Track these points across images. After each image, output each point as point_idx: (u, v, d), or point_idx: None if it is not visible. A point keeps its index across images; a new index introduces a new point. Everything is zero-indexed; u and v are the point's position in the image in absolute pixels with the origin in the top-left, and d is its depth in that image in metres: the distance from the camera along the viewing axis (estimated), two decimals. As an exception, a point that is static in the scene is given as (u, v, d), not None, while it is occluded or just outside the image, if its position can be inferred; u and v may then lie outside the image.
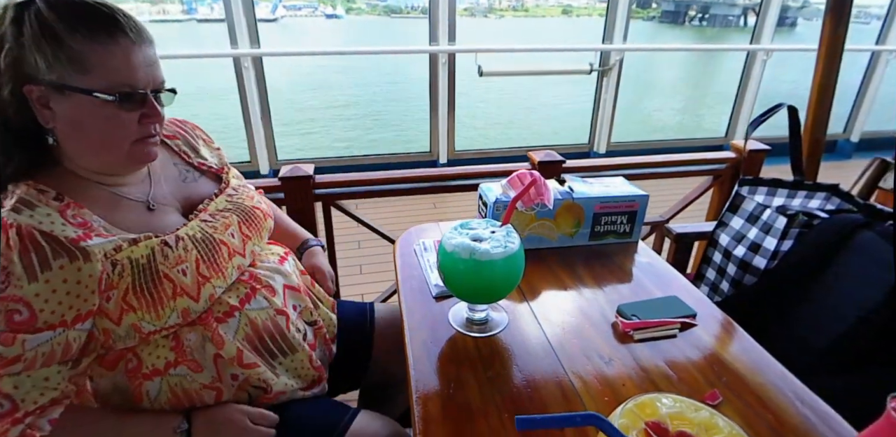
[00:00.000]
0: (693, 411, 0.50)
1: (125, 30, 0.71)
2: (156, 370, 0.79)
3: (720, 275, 1.27)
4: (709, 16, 29.79)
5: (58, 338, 0.68)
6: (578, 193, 1.15)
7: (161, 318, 0.75)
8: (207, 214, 0.88)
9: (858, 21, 11.32)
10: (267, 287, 0.90)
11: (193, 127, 1.04)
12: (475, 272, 0.81)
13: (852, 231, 1.01)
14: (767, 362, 0.81)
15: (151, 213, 0.83)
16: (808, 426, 0.69)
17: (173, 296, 0.76)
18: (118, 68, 0.70)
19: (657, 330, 0.87)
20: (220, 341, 0.82)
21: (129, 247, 0.73)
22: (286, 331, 0.90)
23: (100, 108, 0.70)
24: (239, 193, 0.97)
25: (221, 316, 0.83)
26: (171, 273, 0.76)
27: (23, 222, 0.66)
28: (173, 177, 0.92)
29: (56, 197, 0.71)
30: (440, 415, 0.70)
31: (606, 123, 4.25)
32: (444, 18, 3.60)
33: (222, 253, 0.84)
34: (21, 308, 0.64)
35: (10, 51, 0.68)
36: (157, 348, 0.79)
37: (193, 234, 0.82)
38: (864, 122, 4.78)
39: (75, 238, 0.68)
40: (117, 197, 0.80)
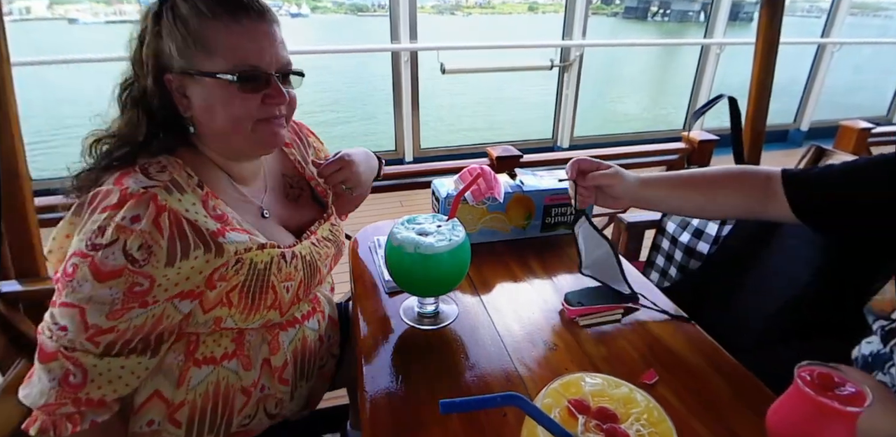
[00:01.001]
0: (613, 387, 0.52)
1: (247, 9, 0.70)
2: (211, 358, 0.79)
3: (668, 261, 1.32)
4: (670, 11, 30.51)
5: (153, 310, 0.69)
6: (528, 186, 1.17)
7: (247, 321, 0.77)
8: (315, 238, 0.90)
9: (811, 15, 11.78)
10: (321, 312, 0.95)
11: (308, 132, 1.02)
12: (421, 266, 0.82)
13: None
14: (703, 341, 0.85)
15: (264, 221, 0.84)
16: (737, 397, 0.73)
17: (269, 307, 0.79)
18: (240, 48, 0.70)
19: (601, 316, 0.90)
20: (276, 347, 0.85)
21: (255, 250, 0.75)
22: (316, 356, 0.93)
23: (223, 89, 0.70)
24: (338, 224, 0.99)
25: (285, 324, 0.86)
26: (278, 286, 0.78)
27: (173, 206, 0.68)
28: (279, 190, 0.92)
29: (199, 184, 0.73)
30: (388, 408, 0.71)
31: (569, 118, 4.32)
32: (405, 16, 3.59)
33: (316, 280, 0.87)
34: (145, 282, 0.66)
35: (150, 43, 0.70)
36: (221, 337, 0.80)
37: (305, 255, 0.84)
38: (813, 112, 4.99)
39: (215, 231, 0.71)
40: (240, 195, 0.82)
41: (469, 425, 0.68)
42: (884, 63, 6.59)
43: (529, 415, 0.47)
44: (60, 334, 0.66)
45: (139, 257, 0.65)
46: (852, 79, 7.67)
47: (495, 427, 0.67)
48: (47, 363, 0.67)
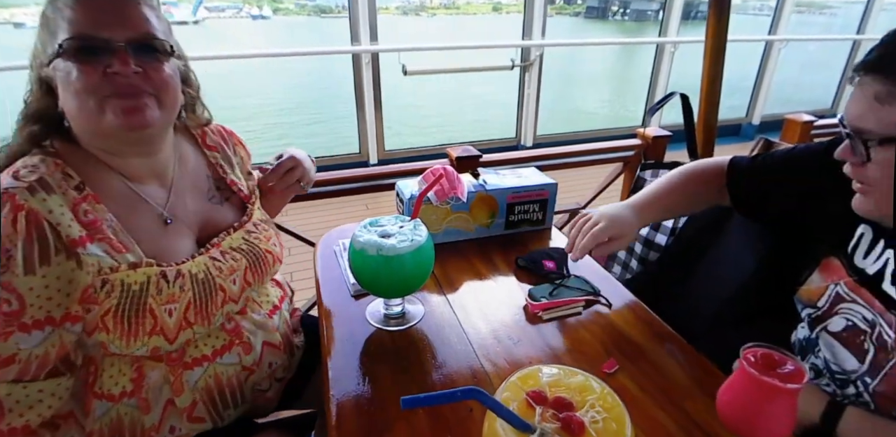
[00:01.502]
0: (570, 377, 0.54)
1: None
2: (109, 396, 0.74)
3: (629, 254, 1.36)
4: (629, 11, 31.34)
5: (51, 338, 0.65)
6: (491, 185, 1.19)
7: (129, 347, 0.71)
8: (219, 250, 0.83)
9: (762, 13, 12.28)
10: (245, 344, 0.85)
11: (238, 141, 0.98)
12: (385, 267, 0.82)
13: (729, 217, 1.12)
14: (661, 330, 0.89)
15: (165, 227, 0.79)
16: (692, 382, 0.76)
17: (150, 333, 0.72)
18: (76, 20, 0.66)
19: (563, 309, 0.92)
20: (180, 388, 0.78)
21: (126, 270, 0.70)
22: (244, 385, 0.87)
23: (64, 65, 0.67)
24: (258, 231, 0.91)
25: (190, 362, 0.79)
26: (157, 310, 0.72)
27: (33, 206, 0.64)
28: (201, 192, 0.87)
29: (77, 187, 0.69)
30: (354, 409, 0.71)
31: (531, 117, 4.38)
32: (365, 18, 3.58)
33: (216, 300, 0.79)
34: (12, 299, 0.62)
35: (35, 47, 0.70)
36: (118, 373, 0.74)
37: (196, 273, 0.77)
38: (763, 107, 5.21)
39: (76, 240, 0.66)
40: (135, 195, 0.77)
41: (435, 421, 0.69)
42: (828, 59, 6.93)
43: (489, 408, 0.48)
44: None
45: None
46: (799, 74, 8.04)
47: (461, 422, 0.68)
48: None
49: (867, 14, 5.47)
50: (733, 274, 1.06)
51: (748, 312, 1.02)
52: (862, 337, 0.72)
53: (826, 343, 0.77)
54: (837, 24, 17.30)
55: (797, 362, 0.57)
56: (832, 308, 0.77)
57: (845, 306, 0.75)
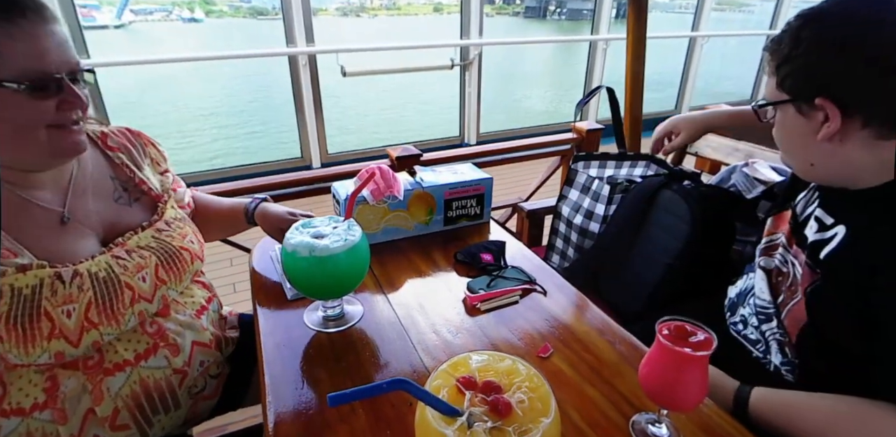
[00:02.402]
0: (498, 361, 0.55)
1: (22, 8, 0.65)
2: (19, 410, 0.71)
3: (566, 243, 1.40)
4: (565, 10, 32.27)
5: None
6: (428, 182, 1.20)
7: (30, 355, 0.68)
8: (124, 249, 0.80)
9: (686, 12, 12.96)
10: (171, 346, 0.84)
11: (147, 141, 0.94)
12: (319, 268, 0.82)
13: (656, 192, 1.18)
14: (593, 313, 0.92)
15: (63, 228, 0.75)
16: (620, 359, 0.80)
17: (48, 337, 0.69)
18: (24, 53, 0.65)
19: (500, 299, 0.95)
20: (100, 396, 0.75)
21: (14, 274, 0.67)
22: (178, 389, 0.84)
23: (10, 98, 0.65)
24: (171, 229, 0.88)
25: (111, 368, 0.76)
26: (53, 312, 0.69)
27: None
28: (106, 193, 0.84)
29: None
30: (292, 415, 0.70)
31: (474, 115, 4.44)
32: (300, 18, 3.51)
33: (123, 298, 0.76)
34: None
35: None
36: (28, 385, 0.71)
37: (96, 272, 0.74)
38: (690, 99, 5.52)
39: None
40: (23, 201, 0.72)
41: (375, 419, 0.69)
42: (746, 54, 7.42)
43: (417, 397, 0.48)
44: None
45: None
46: (721, 68, 8.57)
47: (401, 418, 0.69)
48: None
49: (778, 11, 5.91)
50: (661, 256, 1.12)
51: (677, 292, 1.08)
52: (780, 278, 0.83)
53: (759, 276, 0.87)
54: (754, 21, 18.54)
55: (707, 331, 0.61)
56: (771, 250, 0.87)
57: (780, 251, 0.85)
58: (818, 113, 0.69)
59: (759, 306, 0.86)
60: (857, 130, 0.67)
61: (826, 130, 0.68)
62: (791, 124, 0.74)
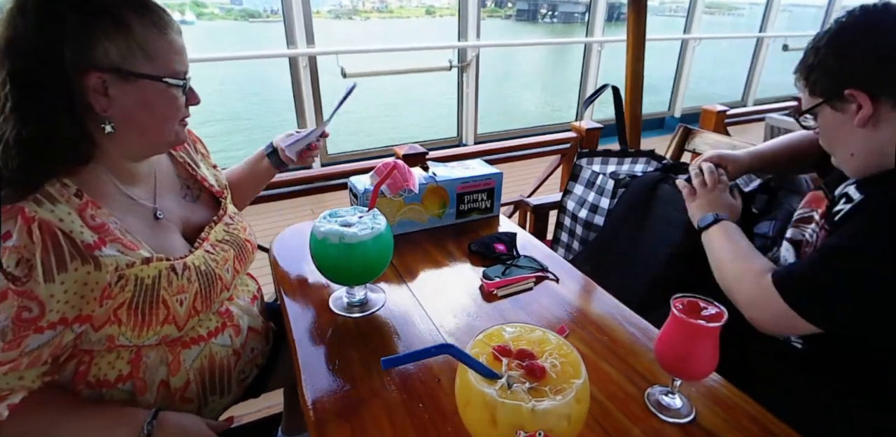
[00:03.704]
0: (529, 332, 0.60)
1: (171, 25, 0.75)
2: (104, 382, 0.76)
3: (571, 236, 1.46)
4: (558, 13, 32.54)
5: (54, 340, 0.67)
6: (441, 176, 1.25)
7: (141, 337, 0.75)
8: (209, 243, 0.86)
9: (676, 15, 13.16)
10: (235, 326, 0.91)
11: (195, 138, 0.99)
12: (347, 255, 0.86)
13: (654, 185, 1.23)
14: (603, 298, 0.98)
15: (158, 224, 0.82)
16: (635, 340, 0.85)
17: (163, 322, 0.76)
18: (174, 55, 0.75)
19: (516, 286, 0.99)
20: (177, 367, 0.81)
21: (140, 265, 0.73)
22: (232, 372, 0.90)
23: (164, 92, 0.74)
24: (234, 222, 0.95)
25: (188, 341, 0.82)
26: (169, 300, 0.76)
27: (44, 217, 0.65)
28: (175, 191, 0.90)
29: (76, 193, 0.70)
30: (327, 391, 0.75)
31: (471, 116, 4.50)
32: (300, 20, 3.55)
33: (216, 288, 0.84)
34: (33, 306, 0.65)
35: (75, 39, 0.67)
36: (116, 359, 0.76)
37: (198, 265, 0.81)
38: (683, 100, 5.62)
39: (91, 244, 0.68)
40: (126, 198, 0.79)
41: (407, 394, 0.73)
42: (737, 56, 7.56)
43: (461, 361, 0.53)
44: None
45: (19, 273, 0.63)
46: (713, 71, 8.70)
47: (431, 394, 0.73)
48: None
49: (767, 15, 6.03)
50: (661, 247, 1.17)
51: (680, 283, 1.13)
52: (808, 249, 0.90)
53: (785, 247, 0.95)
54: (744, 24, 18.83)
55: (717, 305, 0.66)
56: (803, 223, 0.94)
57: (812, 226, 0.92)
58: (850, 105, 0.78)
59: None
60: (888, 112, 0.76)
61: (861, 115, 0.77)
62: (830, 122, 0.83)
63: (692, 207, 1.08)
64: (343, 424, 0.68)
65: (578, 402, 0.52)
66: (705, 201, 1.06)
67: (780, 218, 1.15)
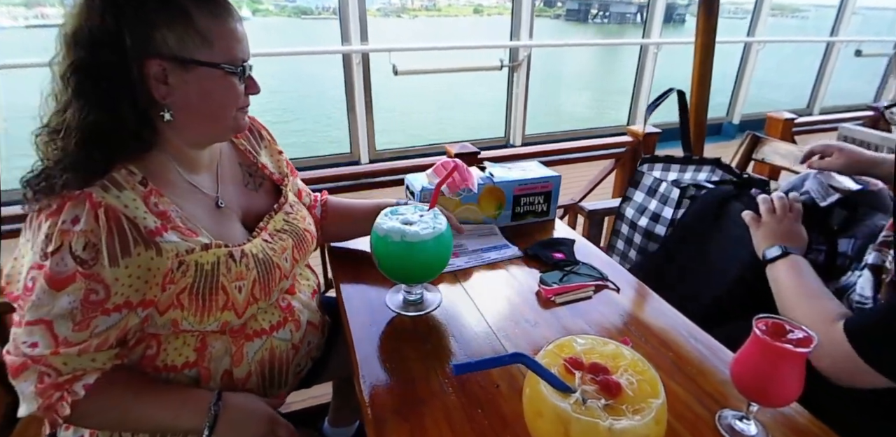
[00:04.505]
0: (602, 345, 0.58)
1: (232, 7, 0.75)
2: (172, 367, 0.78)
3: (628, 244, 1.41)
4: (609, 13, 31.78)
5: (120, 323, 0.70)
6: (499, 177, 1.23)
7: (202, 323, 0.76)
8: (267, 233, 0.88)
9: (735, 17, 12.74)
10: (295, 321, 0.92)
11: (260, 126, 1.01)
12: (407, 254, 0.86)
13: (725, 202, 1.17)
14: (667, 311, 0.94)
15: (219, 212, 0.83)
16: (701, 357, 0.81)
17: (222, 308, 0.77)
18: (233, 42, 0.75)
19: (575, 293, 0.97)
20: (240, 359, 0.83)
21: (199, 251, 0.75)
22: (290, 365, 0.92)
23: (222, 79, 0.74)
24: (294, 211, 0.96)
25: (251, 334, 0.84)
26: (228, 287, 0.77)
27: (110, 203, 0.67)
28: (237, 179, 0.92)
29: (141, 181, 0.72)
30: (385, 388, 0.75)
31: (520, 117, 4.45)
32: (356, 18, 3.60)
33: (275, 277, 0.85)
34: (100, 289, 0.67)
35: (135, 27, 0.68)
36: (182, 345, 0.79)
37: (256, 253, 0.82)
38: (743, 106, 5.37)
39: (153, 230, 0.70)
40: (189, 186, 0.81)
41: (466, 398, 0.72)
42: (802, 60, 7.17)
43: (534, 371, 0.51)
44: (28, 351, 0.67)
45: (86, 257, 0.66)
46: (776, 76, 8.28)
47: (490, 399, 0.72)
48: (21, 375, 0.68)
49: (840, 18, 5.69)
50: (729, 266, 1.11)
51: (743, 303, 1.07)
52: (884, 275, 0.85)
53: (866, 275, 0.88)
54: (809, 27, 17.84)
55: (805, 330, 0.62)
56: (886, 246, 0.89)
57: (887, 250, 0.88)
58: None
59: (856, 301, 0.86)
60: None
61: None
62: None
63: (757, 237, 1.02)
64: (402, 423, 0.68)
65: (657, 423, 0.50)
66: (772, 231, 0.99)
67: (860, 236, 1.07)
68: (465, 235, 1.18)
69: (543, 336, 0.86)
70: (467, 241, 1.18)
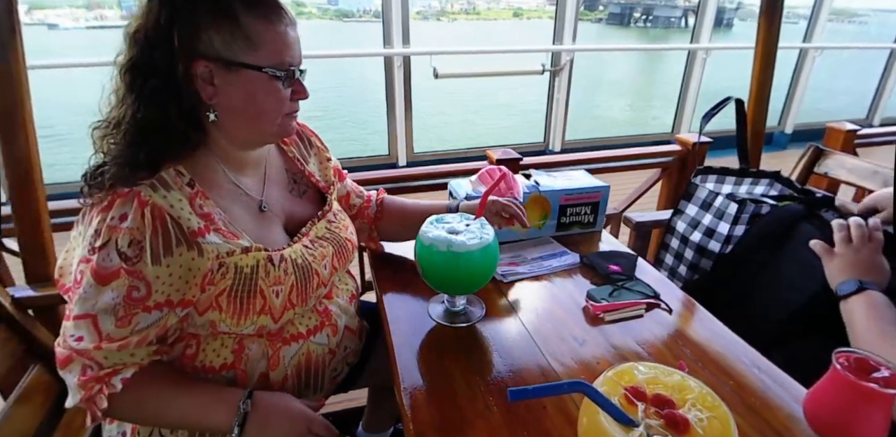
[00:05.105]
0: (666, 375, 0.54)
1: (285, 10, 0.75)
2: (210, 368, 0.79)
3: (678, 260, 1.35)
4: (652, 17, 31.05)
5: (160, 321, 0.70)
6: (545, 186, 1.20)
7: (239, 326, 0.76)
8: (308, 239, 0.88)
9: (788, 21, 12.30)
10: (332, 326, 0.91)
11: (311, 133, 1.02)
12: (453, 264, 0.83)
13: (795, 222, 1.09)
14: (725, 335, 0.88)
15: (262, 216, 0.84)
16: (766, 389, 0.75)
17: (259, 312, 0.77)
18: (281, 47, 0.74)
19: (625, 311, 0.92)
20: (276, 363, 0.83)
21: (240, 254, 0.75)
22: (326, 369, 0.92)
23: (266, 83, 0.74)
24: (337, 220, 0.96)
25: (288, 338, 0.84)
26: (266, 291, 0.77)
27: (157, 202, 0.68)
28: (282, 185, 0.92)
29: (189, 182, 0.73)
30: (426, 402, 0.72)
31: (560, 122, 4.38)
32: (398, 21, 3.62)
33: (313, 283, 0.84)
34: (141, 286, 0.68)
35: (184, 28, 0.69)
36: (221, 347, 0.79)
37: (295, 258, 0.82)
38: (796, 115, 5.13)
39: (196, 231, 0.71)
40: (236, 188, 0.81)
41: (511, 418, 0.69)
42: (862, 67, 6.80)
43: (595, 401, 0.48)
44: (74, 344, 0.68)
45: (131, 254, 0.67)
46: (831, 83, 7.90)
47: (536, 419, 0.69)
48: (67, 366, 0.70)
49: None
50: (793, 293, 1.03)
51: (810, 327, 1.00)
52: None
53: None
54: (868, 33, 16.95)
55: (891, 367, 0.56)
56: None
57: None
58: None
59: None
60: None
61: None
62: None
63: (831, 269, 0.92)
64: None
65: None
66: (848, 263, 0.89)
67: None
68: (520, 243, 1.17)
69: (592, 355, 0.82)
70: (523, 249, 1.15)
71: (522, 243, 1.18)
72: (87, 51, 2.40)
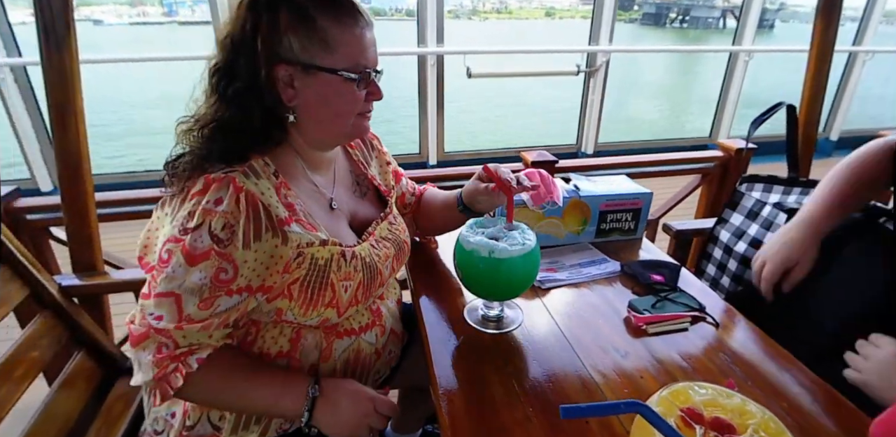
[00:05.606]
0: (725, 397, 0.51)
1: (361, 12, 0.76)
2: (266, 354, 0.81)
3: (721, 270, 1.30)
4: (689, 18, 30.31)
5: (240, 305, 0.72)
6: (585, 191, 1.17)
7: (305, 316, 0.78)
8: (374, 239, 0.90)
9: (832, 23, 11.78)
10: (381, 326, 0.92)
11: (372, 136, 1.04)
12: (494, 270, 0.82)
13: (849, 233, 1.04)
14: (776, 352, 0.84)
15: (332, 214, 0.86)
16: (820, 411, 0.71)
17: (327, 305, 0.79)
18: (357, 49, 0.75)
19: (669, 324, 0.89)
20: (328, 355, 0.85)
21: (318, 246, 0.77)
22: (371, 370, 0.93)
23: (340, 85, 0.76)
24: (397, 222, 0.98)
25: (342, 332, 0.86)
26: (336, 285, 0.79)
27: (250, 188, 0.70)
28: (348, 185, 0.95)
29: (275, 173, 0.76)
30: (464, 409, 0.71)
31: (594, 124, 4.30)
32: (433, 20, 3.61)
33: (376, 282, 0.86)
34: (229, 269, 0.69)
35: (266, 34, 0.71)
36: (279, 335, 0.81)
37: (364, 256, 0.84)
38: (843, 121, 4.92)
39: (283, 219, 0.73)
40: (311, 184, 0.84)
41: (551, 430, 0.67)
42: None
43: (652, 424, 0.46)
44: (154, 322, 0.69)
45: (223, 236, 0.68)
46: (883, 88, 7.55)
47: (578, 432, 0.67)
48: (141, 343, 0.71)
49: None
50: (852, 305, 0.98)
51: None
52: None
53: None
54: (922, 36, 16.14)
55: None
56: None
57: None
58: None
59: None
60: None
61: None
62: None
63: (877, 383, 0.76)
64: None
65: (799, 498, 0.43)
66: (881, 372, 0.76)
67: None
68: (558, 248, 1.15)
69: (635, 368, 0.79)
70: (561, 255, 1.13)
71: (560, 249, 1.16)
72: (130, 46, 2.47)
